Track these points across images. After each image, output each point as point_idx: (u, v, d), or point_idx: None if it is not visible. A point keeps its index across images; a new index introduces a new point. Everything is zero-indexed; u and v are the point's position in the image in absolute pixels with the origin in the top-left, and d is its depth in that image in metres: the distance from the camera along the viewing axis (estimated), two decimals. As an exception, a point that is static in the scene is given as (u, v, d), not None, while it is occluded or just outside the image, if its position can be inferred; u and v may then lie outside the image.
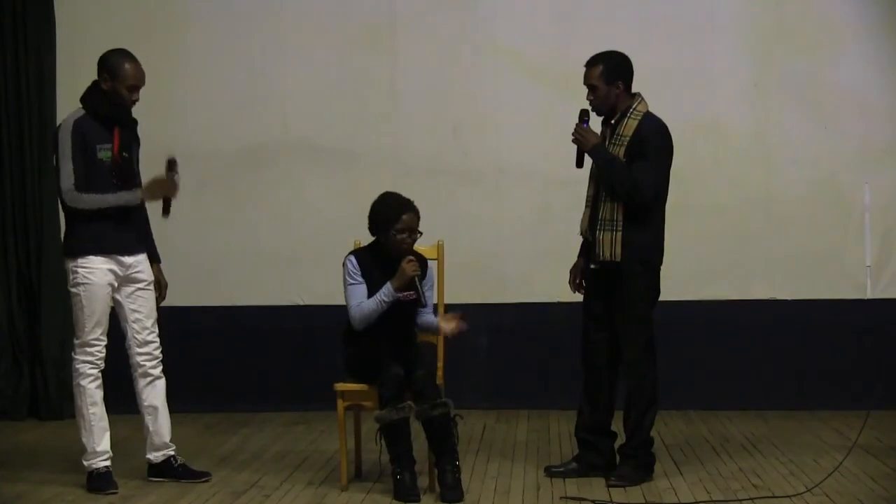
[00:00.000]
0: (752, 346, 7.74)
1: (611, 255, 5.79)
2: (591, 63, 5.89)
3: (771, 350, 7.74)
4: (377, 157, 7.81)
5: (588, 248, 6.02)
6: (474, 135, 7.85)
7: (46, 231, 7.83)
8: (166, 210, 5.91)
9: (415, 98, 7.87)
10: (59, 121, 7.79)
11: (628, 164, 5.76)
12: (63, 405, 7.76)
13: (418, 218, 5.81)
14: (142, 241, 6.01)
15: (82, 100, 5.92)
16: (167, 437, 6.07)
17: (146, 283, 5.99)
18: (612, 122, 5.88)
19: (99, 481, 5.90)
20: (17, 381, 7.83)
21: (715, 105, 7.73)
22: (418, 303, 5.80)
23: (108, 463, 5.93)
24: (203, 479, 6.08)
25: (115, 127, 5.87)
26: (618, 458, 6.00)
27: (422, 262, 5.85)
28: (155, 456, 6.06)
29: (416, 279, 5.76)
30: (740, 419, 7.38)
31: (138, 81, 5.89)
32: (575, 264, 6.12)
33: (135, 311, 5.96)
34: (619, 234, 5.77)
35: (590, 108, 5.90)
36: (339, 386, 5.82)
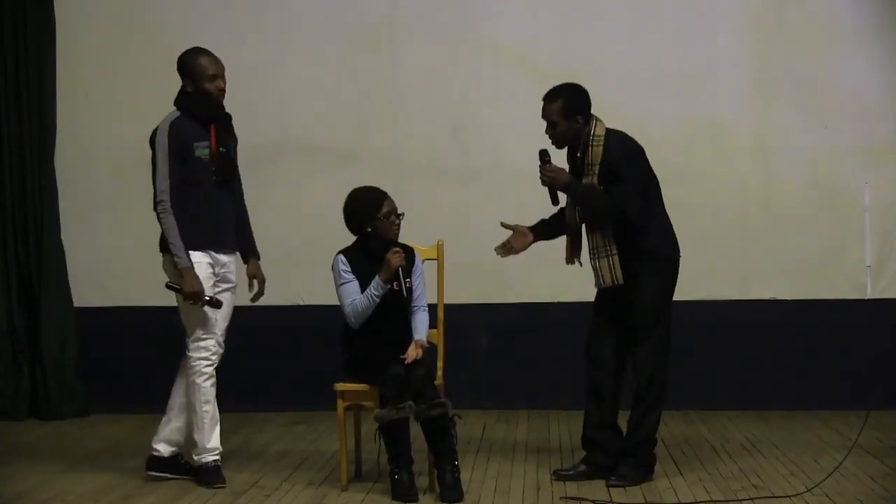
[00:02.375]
0: (752, 346, 7.74)
1: (612, 279, 5.75)
2: (550, 98, 5.82)
3: (771, 350, 7.74)
4: (377, 157, 7.81)
5: (546, 227, 6.02)
6: (474, 135, 7.85)
7: (46, 231, 7.83)
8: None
9: (415, 98, 7.87)
10: (59, 121, 7.86)
11: (606, 189, 5.73)
12: (63, 405, 7.76)
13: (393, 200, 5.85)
14: (234, 241, 6.03)
15: (176, 103, 5.92)
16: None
17: (233, 284, 6.04)
18: (578, 153, 5.82)
19: (209, 475, 5.91)
20: (17, 381, 7.82)
21: (715, 105, 7.73)
22: (403, 293, 5.80)
23: (216, 457, 5.95)
24: None
25: (210, 124, 5.90)
26: (619, 458, 5.99)
27: (408, 252, 5.86)
28: (165, 449, 6.04)
29: (401, 270, 5.77)
30: (740, 419, 7.38)
31: (217, 70, 5.90)
32: (517, 235, 6.02)
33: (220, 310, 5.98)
34: (616, 258, 5.74)
35: (547, 149, 5.83)
36: (339, 386, 5.82)
